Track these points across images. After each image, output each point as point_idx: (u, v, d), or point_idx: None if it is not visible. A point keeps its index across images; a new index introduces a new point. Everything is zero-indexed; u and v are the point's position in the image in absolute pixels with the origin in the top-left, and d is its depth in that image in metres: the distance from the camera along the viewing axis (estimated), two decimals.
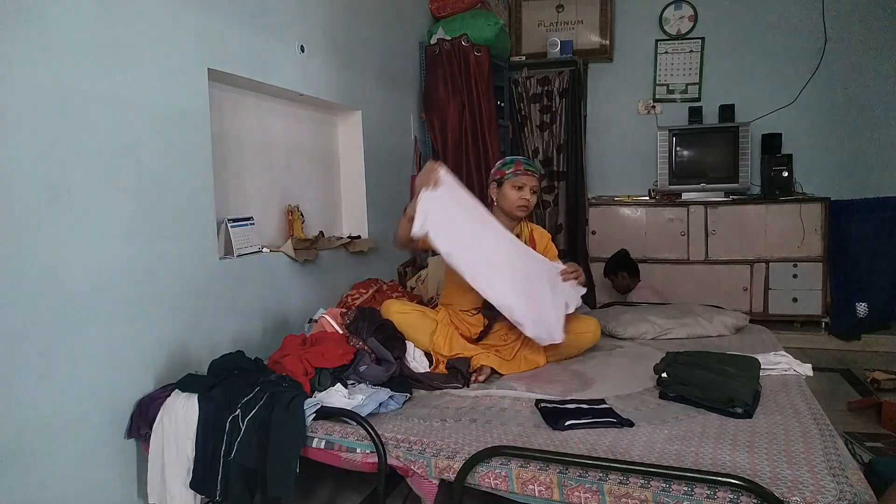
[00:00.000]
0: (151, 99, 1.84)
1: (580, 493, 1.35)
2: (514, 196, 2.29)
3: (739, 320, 2.76)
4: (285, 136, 2.75)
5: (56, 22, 1.55)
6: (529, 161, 2.35)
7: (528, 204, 2.30)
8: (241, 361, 1.85)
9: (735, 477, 1.23)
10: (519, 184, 2.28)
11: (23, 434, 1.47)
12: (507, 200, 2.30)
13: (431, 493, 1.50)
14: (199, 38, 2.04)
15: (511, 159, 2.34)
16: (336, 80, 2.87)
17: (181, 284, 1.95)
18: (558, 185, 4.46)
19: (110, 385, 1.70)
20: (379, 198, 3.28)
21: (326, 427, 1.65)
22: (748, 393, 1.70)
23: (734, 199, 4.27)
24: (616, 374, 2.12)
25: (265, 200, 2.60)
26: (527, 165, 2.30)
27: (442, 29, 3.86)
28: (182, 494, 1.64)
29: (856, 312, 4.02)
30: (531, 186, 2.29)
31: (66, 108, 1.58)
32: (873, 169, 4.28)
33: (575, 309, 2.27)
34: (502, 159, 2.39)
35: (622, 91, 4.77)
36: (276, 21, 2.43)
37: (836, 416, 2.51)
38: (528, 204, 2.30)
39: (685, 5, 4.62)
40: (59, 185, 1.56)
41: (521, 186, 2.28)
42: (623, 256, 4.04)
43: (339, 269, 2.87)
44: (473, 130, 3.79)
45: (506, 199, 2.31)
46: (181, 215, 1.96)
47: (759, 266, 4.18)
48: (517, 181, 2.28)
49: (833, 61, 4.32)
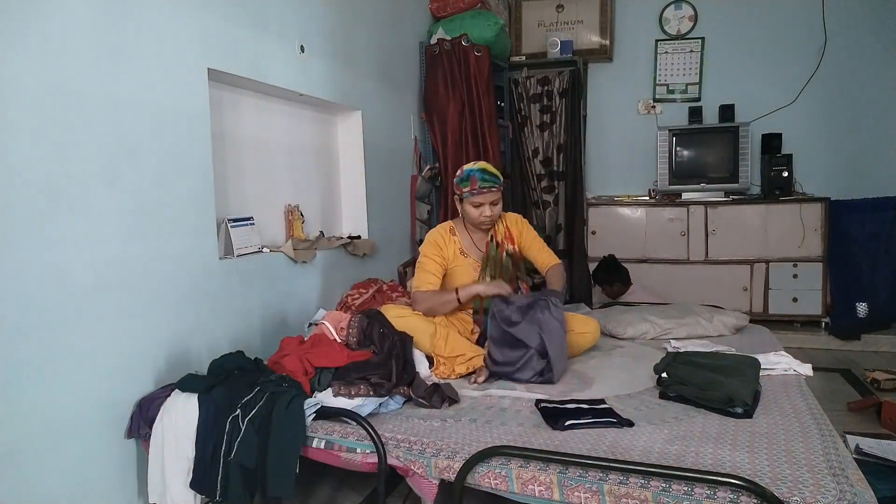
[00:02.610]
0: (151, 99, 1.84)
1: (580, 493, 1.35)
2: (475, 214, 2.30)
3: (739, 320, 2.76)
4: (285, 136, 2.75)
5: (56, 22, 1.55)
6: (486, 175, 2.25)
7: (490, 219, 2.31)
8: (241, 361, 1.85)
9: (735, 477, 1.23)
10: (476, 203, 2.27)
11: (23, 434, 1.47)
12: (469, 217, 2.33)
13: (431, 493, 1.50)
14: (199, 38, 2.04)
15: (468, 174, 2.27)
16: (336, 80, 2.87)
17: (181, 284, 1.95)
18: (558, 185, 4.46)
19: (110, 385, 1.70)
20: (379, 198, 3.28)
21: (326, 427, 1.65)
22: (748, 393, 1.70)
23: (734, 199, 4.27)
24: (616, 374, 2.12)
25: (265, 200, 2.60)
26: (482, 182, 2.23)
27: (442, 29, 3.86)
28: (182, 494, 1.64)
29: (856, 312, 4.01)
30: (491, 201, 2.28)
31: (66, 108, 1.58)
32: (873, 169, 4.28)
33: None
34: (460, 172, 2.32)
35: (622, 91, 4.77)
36: (275, 21, 2.43)
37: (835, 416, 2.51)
38: (490, 219, 2.31)
39: (685, 5, 4.62)
40: (59, 185, 1.56)
41: (480, 205, 2.28)
42: (610, 263, 3.98)
43: (339, 270, 2.87)
44: (473, 130, 3.79)
45: (468, 215, 2.33)
46: (181, 215, 1.96)
47: (759, 266, 4.18)
48: (474, 201, 2.27)
49: (833, 61, 4.32)
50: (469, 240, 2.42)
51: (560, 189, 4.46)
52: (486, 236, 2.43)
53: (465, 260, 2.39)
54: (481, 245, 2.42)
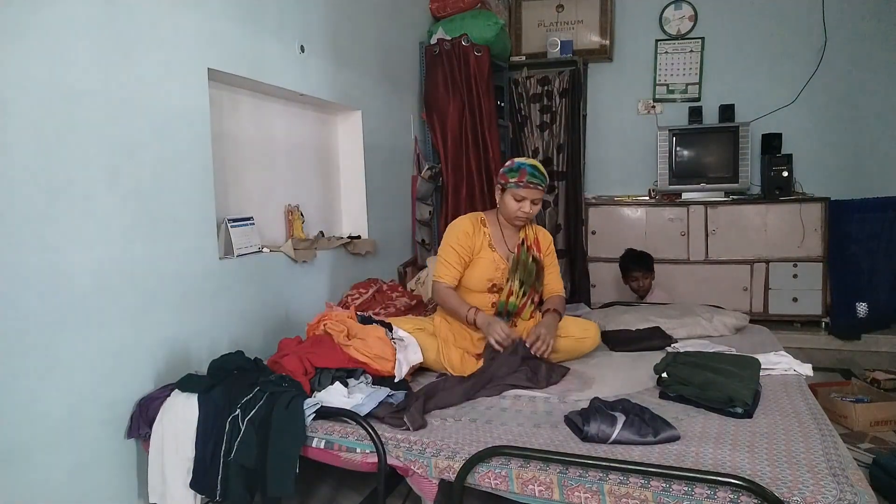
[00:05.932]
0: (151, 99, 1.84)
1: (580, 493, 1.35)
2: (514, 207, 2.21)
3: (739, 320, 2.76)
4: (285, 136, 2.75)
5: (56, 22, 1.55)
6: (536, 172, 2.18)
7: (526, 217, 2.23)
8: (241, 361, 1.85)
9: (735, 477, 1.22)
10: (519, 196, 2.19)
11: (23, 434, 1.47)
12: (506, 209, 2.24)
13: (431, 493, 1.49)
14: (199, 38, 2.03)
15: (518, 166, 2.19)
16: (336, 80, 2.87)
17: (181, 284, 1.95)
18: (558, 185, 4.46)
19: (110, 385, 1.70)
20: (379, 198, 3.28)
21: (326, 427, 1.65)
22: (748, 393, 1.70)
23: (734, 199, 4.27)
24: (616, 374, 2.12)
25: (265, 200, 2.60)
26: (531, 177, 2.16)
27: (442, 29, 3.86)
28: (182, 494, 1.64)
29: (856, 312, 4.01)
30: (532, 199, 2.19)
31: (67, 107, 1.58)
32: (873, 169, 4.29)
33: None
34: (511, 162, 2.24)
35: (622, 91, 4.77)
36: (275, 21, 2.43)
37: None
38: (526, 217, 2.23)
39: (685, 5, 4.62)
40: (60, 185, 1.56)
41: (522, 199, 2.19)
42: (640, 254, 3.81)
43: (339, 269, 2.87)
44: (473, 130, 3.79)
45: (505, 207, 2.24)
46: (181, 215, 1.96)
47: (759, 266, 4.18)
48: (517, 193, 2.19)
49: (833, 61, 4.32)
50: (500, 234, 2.31)
51: (560, 189, 4.46)
52: (516, 234, 2.33)
53: (491, 254, 2.27)
54: (510, 242, 2.32)
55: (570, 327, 2.33)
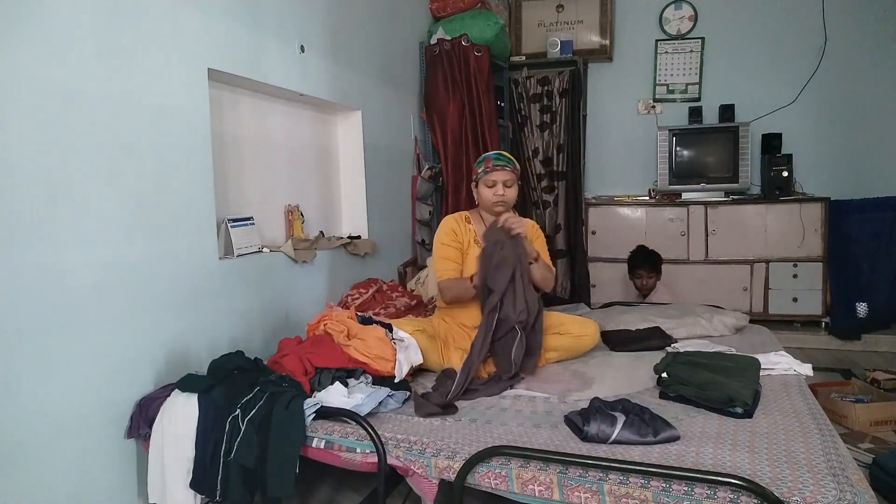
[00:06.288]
0: (151, 99, 1.84)
1: (580, 493, 1.35)
2: (489, 194, 2.25)
3: (739, 320, 2.76)
4: (285, 136, 2.75)
5: (56, 22, 1.55)
6: (500, 155, 2.26)
7: (503, 199, 2.24)
8: (241, 361, 1.85)
9: (735, 477, 1.22)
10: (490, 181, 2.23)
11: (23, 434, 1.47)
12: (484, 199, 2.28)
13: (431, 493, 1.50)
14: (199, 38, 2.03)
15: (483, 157, 2.29)
16: (336, 80, 2.87)
17: (181, 284, 1.95)
18: (558, 184, 4.46)
19: (110, 385, 1.69)
20: (379, 198, 3.28)
21: (326, 427, 1.65)
22: (748, 393, 1.70)
23: (734, 199, 4.27)
24: (616, 374, 2.12)
25: (265, 200, 2.60)
26: (496, 161, 2.22)
27: (442, 29, 3.86)
28: (182, 494, 1.64)
29: (856, 312, 4.01)
30: (504, 181, 2.22)
31: (67, 107, 1.58)
32: (873, 169, 4.29)
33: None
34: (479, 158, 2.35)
35: (622, 91, 4.77)
36: (275, 21, 2.43)
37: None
38: (503, 199, 2.24)
39: (685, 5, 4.62)
40: (59, 185, 1.56)
41: (493, 183, 2.23)
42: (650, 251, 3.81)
43: (339, 269, 2.87)
44: (473, 130, 3.79)
45: (482, 198, 2.29)
46: (181, 215, 1.96)
47: (759, 266, 4.18)
48: (487, 179, 2.23)
49: (833, 61, 4.32)
50: (484, 228, 2.33)
51: (560, 189, 4.46)
52: None
53: (479, 249, 2.27)
54: None
55: (568, 325, 2.33)
